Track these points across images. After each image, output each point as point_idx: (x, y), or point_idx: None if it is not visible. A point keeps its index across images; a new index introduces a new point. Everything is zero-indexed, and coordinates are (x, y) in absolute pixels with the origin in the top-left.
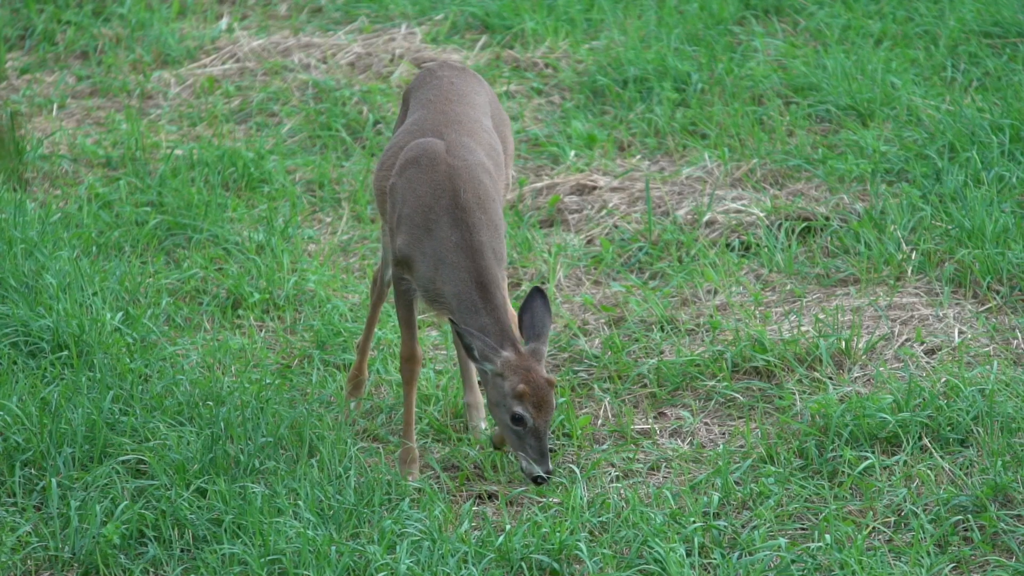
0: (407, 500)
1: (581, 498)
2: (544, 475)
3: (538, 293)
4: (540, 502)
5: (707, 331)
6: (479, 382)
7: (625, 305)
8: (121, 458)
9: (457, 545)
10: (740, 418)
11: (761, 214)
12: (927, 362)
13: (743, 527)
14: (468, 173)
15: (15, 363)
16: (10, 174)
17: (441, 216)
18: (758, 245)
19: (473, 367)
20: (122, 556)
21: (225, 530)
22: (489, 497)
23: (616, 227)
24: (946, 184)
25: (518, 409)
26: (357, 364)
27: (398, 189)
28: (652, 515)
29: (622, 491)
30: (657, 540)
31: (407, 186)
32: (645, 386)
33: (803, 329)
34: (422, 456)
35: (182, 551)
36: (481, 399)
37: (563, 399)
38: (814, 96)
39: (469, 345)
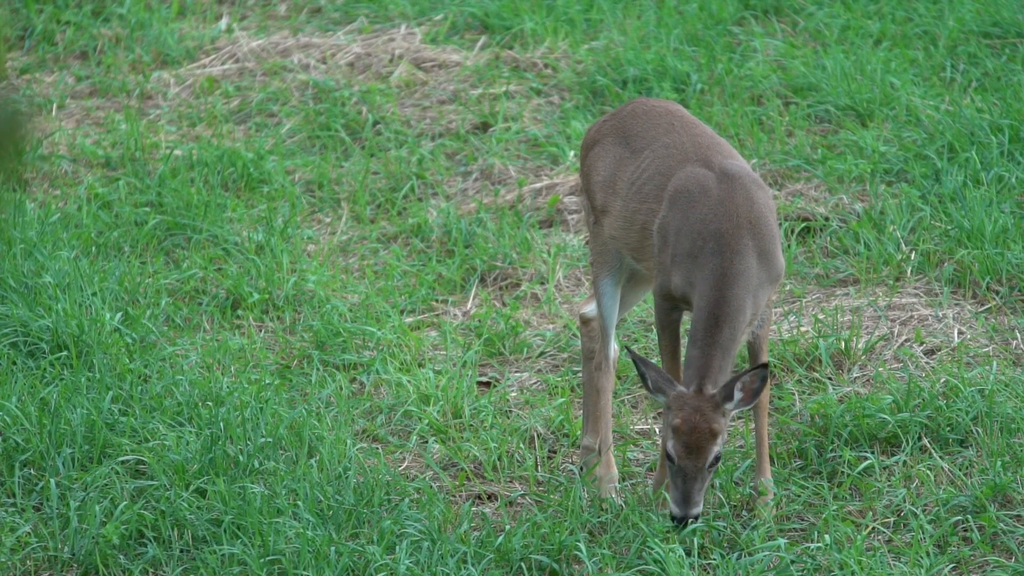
0: (406, 500)
1: (580, 498)
2: (676, 516)
3: (762, 368)
4: (540, 502)
5: None
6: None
7: None
8: (120, 458)
9: (457, 545)
10: (740, 418)
11: None
12: (926, 362)
13: (743, 527)
14: (742, 194)
15: (15, 363)
16: (10, 175)
17: (708, 242)
18: None
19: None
20: (121, 556)
21: (224, 530)
22: (489, 497)
23: None
24: (945, 184)
25: (669, 445)
26: (607, 461)
27: (671, 225)
28: (652, 515)
29: (621, 491)
30: (656, 540)
31: (681, 219)
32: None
33: (802, 329)
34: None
35: (182, 551)
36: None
37: (562, 399)
38: (813, 96)
39: (643, 374)
